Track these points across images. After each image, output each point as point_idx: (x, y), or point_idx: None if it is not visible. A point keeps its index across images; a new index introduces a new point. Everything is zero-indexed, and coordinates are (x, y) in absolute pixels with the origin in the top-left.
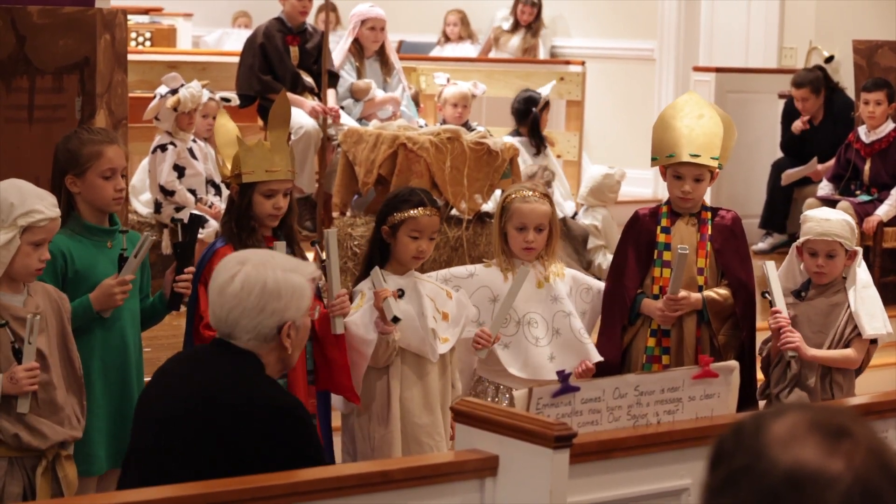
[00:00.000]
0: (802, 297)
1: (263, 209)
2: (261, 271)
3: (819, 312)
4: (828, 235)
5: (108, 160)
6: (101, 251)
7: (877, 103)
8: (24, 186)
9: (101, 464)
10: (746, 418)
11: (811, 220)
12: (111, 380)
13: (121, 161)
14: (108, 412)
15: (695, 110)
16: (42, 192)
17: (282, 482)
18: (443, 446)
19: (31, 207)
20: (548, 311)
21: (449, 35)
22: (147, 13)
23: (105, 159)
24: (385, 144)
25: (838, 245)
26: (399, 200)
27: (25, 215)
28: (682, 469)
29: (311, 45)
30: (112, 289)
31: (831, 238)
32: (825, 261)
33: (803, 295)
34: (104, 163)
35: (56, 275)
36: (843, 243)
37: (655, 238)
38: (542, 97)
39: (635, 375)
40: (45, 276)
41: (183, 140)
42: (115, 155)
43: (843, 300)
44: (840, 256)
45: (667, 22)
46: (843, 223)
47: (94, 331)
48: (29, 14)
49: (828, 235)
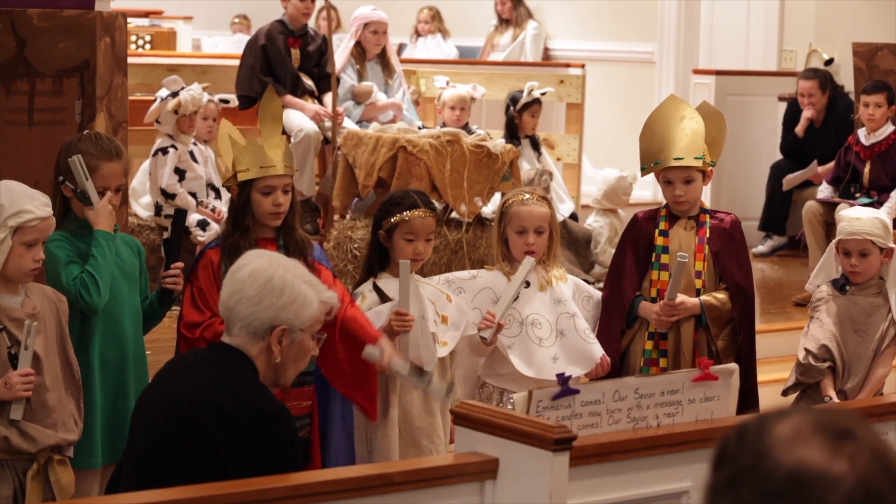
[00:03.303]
0: (846, 290)
1: (263, 207)
2: (273, 268)
3: (861, 311)
4: (858, 234)
5: (101, 177)
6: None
7: (876, 106)
8: (15, 187)
9: (98, 457)
10: (750, 419)
11: (843, 220)
12: (109, 374)
13: (115, 179)
14: (105, 407)
15: (677, 113)
16: (33, 192)
17: (281, 485)
18: (442, 449)
19: (21, 208)
20: (551, 313)
21: (420, 31)
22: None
23: (98, 176)
24: (385, 147)
25: (870, 243)
26: (392, 204)
27: (15, 216)
28: (682, 472)
29: (313, 48)
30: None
31: (861, 237)
32: (858, 259)
33: (847, 289)
34: (97, 179)
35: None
36: (875, 241)
37: (654, 241)
38: (522, 97)
39: (635, 378)
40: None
41: (184, 143)
42: (110, 173)
43: (884, 302)
44: (874, 255)
45: (667, 24)
46: (874, 221)
47: (93, 325)
48: (29, 17)
49: (858, 234)
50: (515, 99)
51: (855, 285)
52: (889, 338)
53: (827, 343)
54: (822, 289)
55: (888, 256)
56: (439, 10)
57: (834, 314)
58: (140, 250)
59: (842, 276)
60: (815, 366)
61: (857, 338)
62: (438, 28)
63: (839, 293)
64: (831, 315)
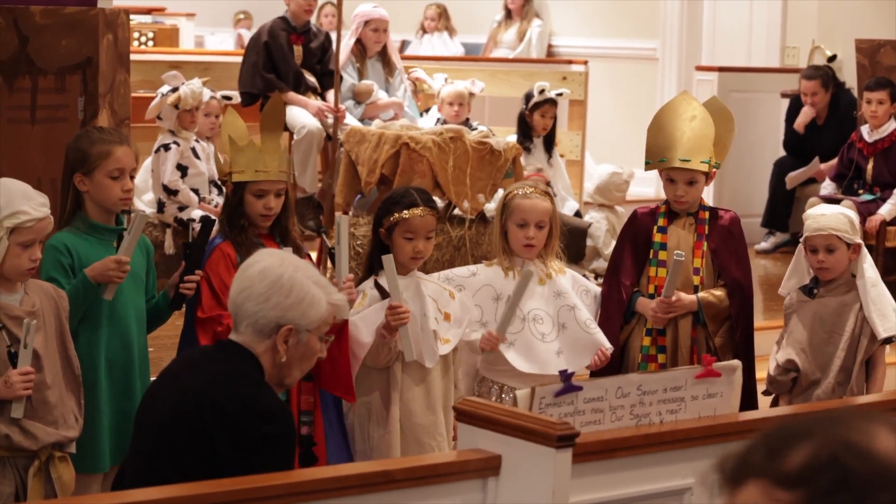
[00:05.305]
0: (814, 294)
1: (254, 209)
2: (283, 267)
3: (831, 312)
4: (823, 230)
5: (116, 160)
6: (108, 250)
7: (879, 102)
8: (12, 186)
9: (106, 460)
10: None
11: (809, 217)
12: (115, 377)
13: (129, 162)
14: (112, 409)
15: (687, 112)
16: (31, 192)
17: (283, 482)
18: (444, 447)
19: (17, 209)
20: (552, 306)
21: (427, 29)
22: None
23: (113, 159)
24: (388, 144)
25: (836, 238)
26: (392, 202)
27: (11, 216)
28: (685, 469)
29: (315, 45)
30: (109, 264)
31: (827, 232)
32: (825, 255)
33: (815, 292)
34: (112, 162)
35: (64, 269)
36: (840, 236)
37: (652, 237)
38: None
39: (638, 375)
40: (54, 272)
41: (186, 139)
42: (124, 155)
43: (854, 300)
44: (840, 250)
45: (669, 21)
46: (839, 217)
47: (99, 327)
48: (31, 14)
49: (823, 230)
50: (528, 97)
51: (824, 286)
52: (866, 336)
53: (794, 357)
54: (792, 296)
55: (856, 253)
56: (446, 8)
57: (804, 321)
58: (150, 250)
59: (811, 280)
60: (779, 379)
61: (828, 338)
62: (445, 26)
63: (808, 297)
64: (800, 322)
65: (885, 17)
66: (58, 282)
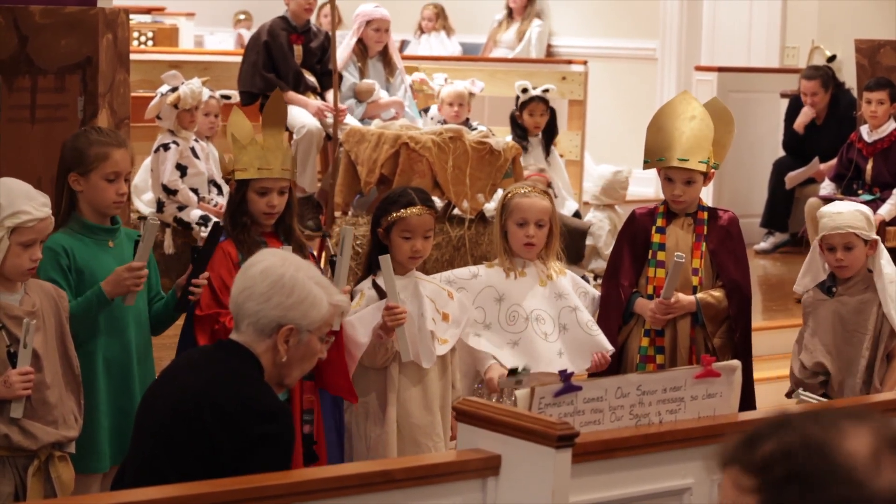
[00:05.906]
0: (833, 292)
1: (257, 207)
2: (285, 266)
3: (851, 311)
4: (840, 228)
5: (113, 163)
6: (103, 250)
7: (879, 103)
8: (13, 186)
9: (106, 461)
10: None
11: (825, 216)
12: (114, 377)
13: (126, 165)
14: (112, 410)
15: (687, 111)
16: (32, 191)
17: (283, 482)
18: (441, 447)
19: (19, 208)
20: (553, 308)
21: (424, 28)
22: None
23: (110, 162)
24: (387, 144)
25: (853, 236)
26: (389, 202)
27: (12, 216)
28: (685, 469)
29: (315, 45)
30: (122, 274)
31: (844, 230)
32: (843, 254)
33: (833, 290)
34: (109, 165)
35: (63, 270)
36: (858, 233)
37: (650, 238)
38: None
39: (637, 375)
40: (53, 273)
41: (185, 139)
42: (121, 158)
43: (874, 297)
44: (859, 248)
45: (669, 21)
46: (855, 213)
47: (98, 329)
48: (31, 14)
49: (840, 228)
50: (517, 98)
51: (842, 283)
52: (886, 334)
53: (822, 359)
54: (810, 294)
55: (873, 248)
56: (444, 8)
57: (824, 321)
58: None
59: (828, 277)
60: (807, 382)
61: (850, 338)
62: (443, 25)
63: (827, 296)
64: (822, 323)
65: (885, 17)
66: (57, 283)
